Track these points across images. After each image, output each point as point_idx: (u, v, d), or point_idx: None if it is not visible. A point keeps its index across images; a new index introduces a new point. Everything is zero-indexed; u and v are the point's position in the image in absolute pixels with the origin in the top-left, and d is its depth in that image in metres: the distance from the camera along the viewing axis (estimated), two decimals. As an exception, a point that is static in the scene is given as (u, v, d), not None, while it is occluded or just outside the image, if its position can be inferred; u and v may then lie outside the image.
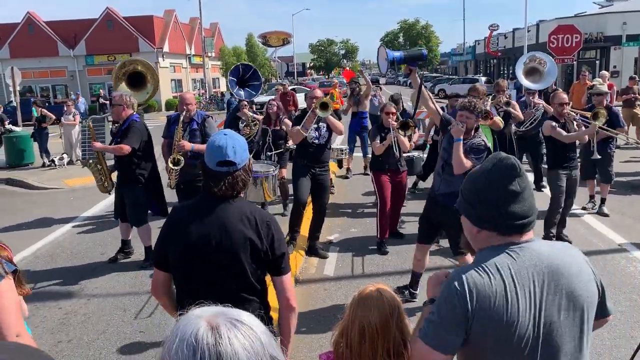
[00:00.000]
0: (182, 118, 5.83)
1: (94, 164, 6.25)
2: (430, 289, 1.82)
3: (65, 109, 13.96)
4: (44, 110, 14.01)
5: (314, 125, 5.97)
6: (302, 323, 4.51)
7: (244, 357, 0.99)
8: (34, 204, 9.51)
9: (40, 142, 13.46)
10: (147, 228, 6.04)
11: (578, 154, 6.69)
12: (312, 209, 6.35)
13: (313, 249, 6.24)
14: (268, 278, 2.43)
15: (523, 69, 8.08)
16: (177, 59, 40.91)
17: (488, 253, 1.64)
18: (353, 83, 11.12)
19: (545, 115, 7.65)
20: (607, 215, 7.43)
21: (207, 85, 40.15)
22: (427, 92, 4.73)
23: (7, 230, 7.71)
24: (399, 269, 5.80)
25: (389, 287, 2.09)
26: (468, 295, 1.55)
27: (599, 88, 8.23)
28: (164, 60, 37.31)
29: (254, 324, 1.06)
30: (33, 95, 32.57)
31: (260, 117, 8.06)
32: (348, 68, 29.05)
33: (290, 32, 48.85)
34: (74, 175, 11.70)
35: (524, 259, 1.59)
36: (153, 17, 38.27)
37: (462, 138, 4.37)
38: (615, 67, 29.13)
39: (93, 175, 6.38)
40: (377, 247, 6.35)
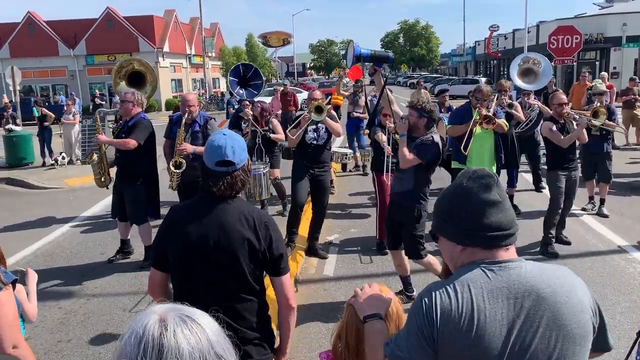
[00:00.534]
0: (184, 120, 5.73)
1: (97, 158, 6.23)
2: (367, 305, 1.79)
3: (65, 109, 13.98)
4: (44, 110, 14.01)
5: (312, 127, 5.98)
6: (301, 323, 4.52)
7: (187, 352, 0.99)
8: (34, 204, 9.51)
9: (44, 141, 13.52)
10: (147, 227, 6.02)
11: (578, 155, 6.70)
12: (311, 209, 6.36)
13: (313, 250, 6.24)
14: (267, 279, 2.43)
15: (517, 71, 8.10)
16: (177, 59, 40.93)
17: (465, 269, 1.54)
18: (358, 86, 11.16)
19: (541, 116, 7.66)
20: (606, 216, 7.43)
21: (207, 85, 40.17)
22: (390, 94, 5.00)
23: (7, 230, 7.71)
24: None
25: (383, 285, 2.08)
26: (434, 314, 1.46)
27: (599, 87, 8.25)
28: (164, 60, 37.33)
29: (205, 323, 1.06)
30: (34, 95, 32.58)
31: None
32: (348, 69, 28.95)
33: (291, 32, 48.93)
34: (74, 175, 11.71)
35: (501, 279, 1.48)
36: (153, 17, 38.28)
37: (406, 133, 4.56)
38: (615, 68, 29.17)
39: (92, 170, 6.37)
40: (376, 247, 6.36)
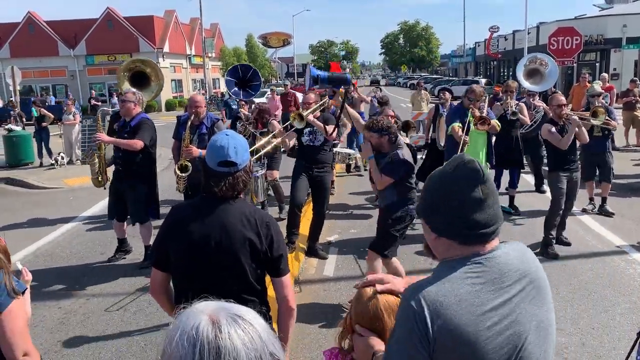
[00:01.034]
0: (190, 121, 5.66)
1: (97, 158, 6.16)
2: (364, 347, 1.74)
3: (65, 109, 13.97)
4: (43, 110, 14.01)
5: (308, 129, 6.01)
6: (301, 323, 4.52)
7: (243, 352, 0.99)
8: (34, 204, 9.51)
9: (42, 141, 13.49)
10: (149, 226, 6.04)
11: (578, 156, 6.70)
12: (312, 210, 6.36)
13: (313, 250, 6.24)
14: (268, 279, 2.43)
15: (524, 71, 8.08)
16: (177, 59, 40.95)
17: (449, 266, 1.48)
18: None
19: (545, 117, 7.67)
20: (612, 214, 7.43)
21: (207, 86, 40.17)
22: (351, 111, 5.13)
23: (7, 230, 7.70)
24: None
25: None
26: (427, 315, 1.39)
27: (595, 89, 8.26)
28: (164, 61, 37.32)
29: (255, 321, 1.06)
30: (34, 95, 32.58)
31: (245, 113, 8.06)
32: (348, 69, 29.08)
33: (291, 32, 48.96)
34: (74, 175, 11.71)
35: (492, 270, 1.45)
36: (153, 17, 38.31)
37: (373, 155, 4.56)
38: (615, 69, 29.19)
39: (90, 169, 6.29)
40: (376, 248, 6.35)
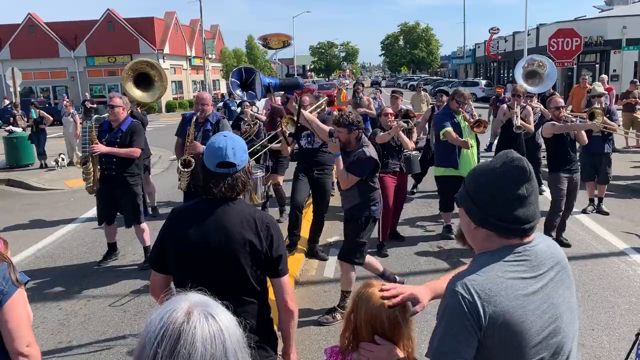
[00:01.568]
0: (194, 118, 5.69)
1: (92, 165, 5.96)
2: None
3: (65, 110, 13.96)
4: (42, 112, 14.01)
5: (306, 132, 6.02)
6: (301, 325, 4.52)
7: (200, 348, 1.00)
8: (35, 205, 9.51)
9: (38, 144, 13.39)
10: (145, 227, 6.06)
11: (578, 157, 6.71)
12: (312, 211, 6.37)
13: (313, 251, 6.25)
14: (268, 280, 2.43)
15: (522, 73, 8.08)
16: (177, 61, 40.99)
17: (490, 255, 1.56)
18: (357, 84, 11.14)
19: (543, 119, 7.68)
20: (606, 214, 7.46)
21: (207, 87, 40.18)
22: (314, 118, 4.97)
23: (7, 231, 7.71)
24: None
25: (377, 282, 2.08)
26: (479, 303, 1.45)
27: (597, 90, 8.27)
28: (165, 62, 37.34)
29: (228, 328, 1.06)
30: (34, 96, 32.59)
31: (263, 117, 8.08)
32: (348, 71, 29.08)
33: (291, 34, 48.97)
34: (75, 177, 11.69)
35: (531, 258, 1.54)
36: (154, 18, 38.35)
37: (339, 152, 4.41)
38: (615, 71, 29.19)
39: (85, 176, 6.00)
40: (377, 249, 6.36)
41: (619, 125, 8.17)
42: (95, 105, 26.56)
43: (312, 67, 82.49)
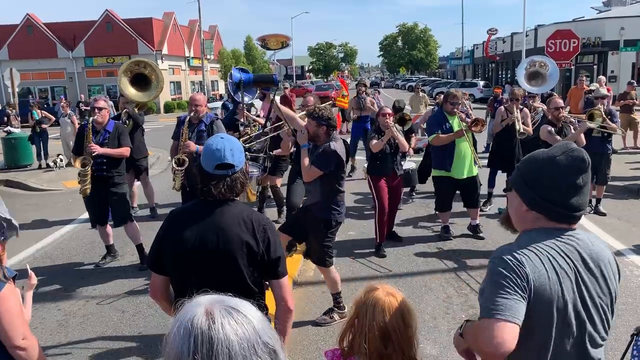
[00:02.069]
0: (188, 118, 5.80)
1: (90, 168, 5.84)
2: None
3: (62, 111, 13.99)
4: (44, 112, 14.03)
5: None
6: (299, 325, 4.54)
7: (236, 342, 1.02)
8: (33, 206, 9.52)
9: (42, 144, 13.48)
10: (135, 225, 6.12)
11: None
12: None
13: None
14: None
15: (525, 75, 8.09)
16: (176, 62, 40.95)
17: (536, 235, 1.66)
18: (360, 85, 11.14)
19: (545, 119, 7.70)
20: (604, 214, 7.49)
21: (205, 88, 40.19)
22: (288, 111, 4.97)
23: (5, 232, 7.70)
24: (397, 272, 5.83)
25: (388, 285, 2.07)
26: (525, 268, 1.55)
27: (600, 91, 8.28)
28: (163, 63, 37.30)
29: (249, 312, 1.09)
30: (32, 97, 32.54)
31: (261, 120, 8.06)
32: (347, 71, 29.05)
33: (289, 35, 49.02)
34: (73, 177, 11.63)
35: (570, 246, 1.64)
36: (152, 19, 38.30)
37: (307, 144, 4.44)
38: (613, 72, 29.24)
39: (82, 178, 5.83)
40: (375, 250, 6.38)
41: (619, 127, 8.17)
42: (89, 107, 26.43)
43: (310, 67, 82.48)
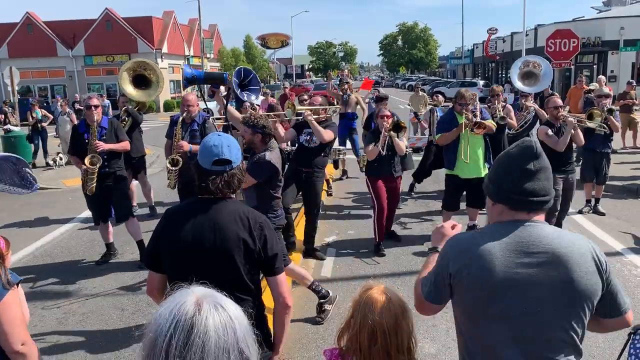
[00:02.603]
0: (181, 118, 5.87)
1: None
2: (434, 238, 2.11)
3: (61, 109, 14.01)
4: (44, 111, 14.07)
5: (308, 129, 6.05)
6: (298, 324, 4.55)
7: (213, 337, 1.04)
8: (33, 204, 9.51)
9: (42, 143, 13.54)
10: (136, 221, 6.18)
11: (575, 158, 6.74)
12: (303, 213, 6.40)
13: (310, 251, 6.27)
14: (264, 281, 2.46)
15: (518, 74, 8.11)
16: (175, 60, 40.91)
17: (491, 226, 1.81)
18: (344, 84, 10.98)
19: (537, 118, 7.70)
20: (603, 214, 7.50)
21: (205, 87, 40.12)
22: (235, 112, 5.06)
23: (5, 230, 7.72)
24: (396, 271, 5.84)
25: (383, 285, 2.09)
26: (452, 252, 1.79)
27: (601, 90, 8.28)
28: (163, 61, 37.29)
29: (236, 316, 1.10)
30: (32, 95, 32.50)
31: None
32: (347, 71, 28.98)
33: (289, 34, 48.99)
34: (72, 176, 11.70)
35: (521, 235, 1.72)
36: (152, 18, 38.28)
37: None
38: (613, 71, 29.25)
39: (90, 176, 5.81)
40: (374, 249, 6.39)
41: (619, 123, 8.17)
42: (84, 108, 26.35)
43: (310, 66, 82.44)
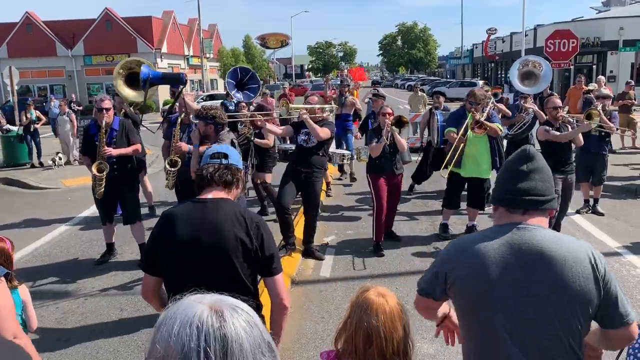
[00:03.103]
0: (179, 120, 5.82)
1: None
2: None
3: (58, 110, 14.00)
4: (37, 112, 14.06)
5: (305, 129, 6.05)
6: (297, 324, 4.56)
7: (246, 340, 1.05)
8: (32, 204, 9.52)
9: (36, 143, 13.49)
10: (142, 226, 6.17)
11: (573, 159, 6.75)
12: (302, 213, 6.41)
13: (309, 251, 6.27)
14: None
15: (518, 75, 8.11)
16: (175, 60, 40.90)
17: (490, 228, 1.92)
18: (343, 85, 11.03)
19: (535, 119, 7.70)
20: (602, 214, 7.51)
21: (204, 87, 40.15)
22: (189, 101, 5.18)
23: (5, 230, 7.72)
24: (395, 271, 5.85)
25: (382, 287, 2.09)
26: (449, 256, 1.94)
27: (602, 90, 8.30)
28: (162, 61, 37.30)
29: (250, 311, 1.13)
30: (31, 95, 32.48)
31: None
32: (346, 71, 28.99)
33: (289, 34, 49.01)
34: (72, 176, 11.72)
35: (516, 237, 1.78)
36: (152, 17, 38.27)
37: (197, 144, 4.63)
38: (612, 72, 29.26)
39: (99, 182, 5.77)
40: (373, 249, 6.39)
41: (616, 129, 8.18)
42: (82, 107, 26.44)
43: (309, 66, 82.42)
